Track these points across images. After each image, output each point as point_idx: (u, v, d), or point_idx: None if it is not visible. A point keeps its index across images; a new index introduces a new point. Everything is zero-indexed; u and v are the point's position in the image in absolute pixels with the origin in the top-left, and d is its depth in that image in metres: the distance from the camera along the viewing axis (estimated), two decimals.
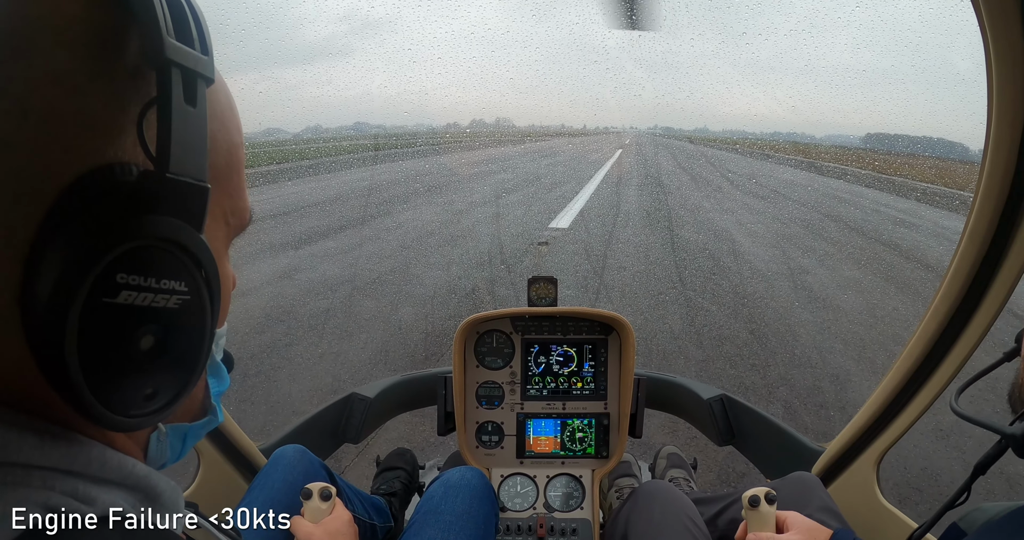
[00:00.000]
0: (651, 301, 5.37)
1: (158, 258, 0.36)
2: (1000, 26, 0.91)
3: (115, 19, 0.36)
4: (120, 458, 0.40)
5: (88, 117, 0.35)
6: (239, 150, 0.48)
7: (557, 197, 12.01)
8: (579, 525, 1.62)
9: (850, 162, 24.20)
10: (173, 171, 0.36)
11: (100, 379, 0.35)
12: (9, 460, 0.34)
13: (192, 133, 0.37)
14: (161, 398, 0.40)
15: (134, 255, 0.35)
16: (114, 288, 0.34)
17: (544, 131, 77.95)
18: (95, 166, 0.35)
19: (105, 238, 0.33)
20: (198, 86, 0.38)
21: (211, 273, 0.40)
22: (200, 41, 0.39)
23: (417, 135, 41.47)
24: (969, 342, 1.17)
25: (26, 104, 0.33)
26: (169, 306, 0.38)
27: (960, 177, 17.06)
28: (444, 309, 5.06)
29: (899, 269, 7.11)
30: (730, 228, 8.95)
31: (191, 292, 0.39)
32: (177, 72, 0.36)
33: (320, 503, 1.19)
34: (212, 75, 0.39)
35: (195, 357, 0.41)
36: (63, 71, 0.34)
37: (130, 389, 0.37)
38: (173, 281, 0.37)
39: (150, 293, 0.36)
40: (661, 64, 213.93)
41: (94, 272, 0.33)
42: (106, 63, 0.36)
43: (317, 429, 1.79)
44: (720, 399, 1.85)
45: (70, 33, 0.35)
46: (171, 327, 0.38)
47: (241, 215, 0.50)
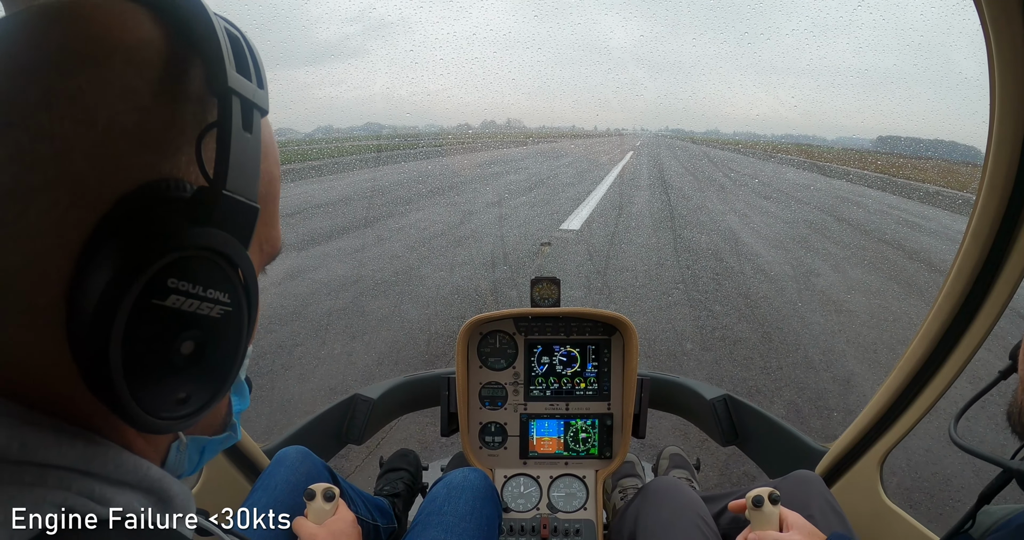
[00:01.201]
0: (673, 299, 5.36)
1: (207, 268, 0.38)
2: (1002, 26, 0.90)
3: (182, 48, 0.40)
4: (136, 460, 0.40)
5: (148, 133, 0.37)
6: (277, 182, 0.50)
7: (568, 198, 12.01)
8: (582, 526, 1.61)
9: (861, 165, 24.02)
10: (230, 188, 0.38)
11: (139, 377, 0.36)
12: (26, 459, 0.34)
13: (247, 156, 0.40)
14: (192, 404, 0.41)
15: (186, 262, 0.37)
16: (164, 291, 0.36)
17: (555, 132, 77.92)
18: (152, 180, 0.37)
19: (160, 244, 0.35)
20: (254, 116, 0.41)
21: (252, 288, 0.43)
22: (257, 76, 0.42)
23: (428, 135, 41.54)
24: (972, 342, 1.17)
25: (94, 114, 0.35)
26: (212, 315, 0.39)
27: (965, 179, 16.90)
28: (457, 310, 5.07)
29: (895, 263, 7.06)
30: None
31: (233, 304, 0.41)
32: (237, 101, 0.39)
33: (324, 504, 1.19)
34: (266, 107, 0.43)
35: (229, 367, 0.43)
36: (131, 88, 0.37)
37: (165, 391, 0.39)
38: (218, 292, 0.39)
39: (196, 300, 0.38)
40: (674, 66, 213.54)
41: (147, 273, 0.35)
42: (170, 86, 0.38)
43: (320, 430, 1.80)
44: (723, 399, 1.84)
45: (141, 54, 0.38)
46: (211, 335, 0.40)
47: (273, 244, 0.52)
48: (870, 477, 1.44)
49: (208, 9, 0.41)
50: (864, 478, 1.45)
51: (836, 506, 1.25)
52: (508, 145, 34.34)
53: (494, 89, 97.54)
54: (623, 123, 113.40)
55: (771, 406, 3.37)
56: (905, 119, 64.80)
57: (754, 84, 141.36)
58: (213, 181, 0.38)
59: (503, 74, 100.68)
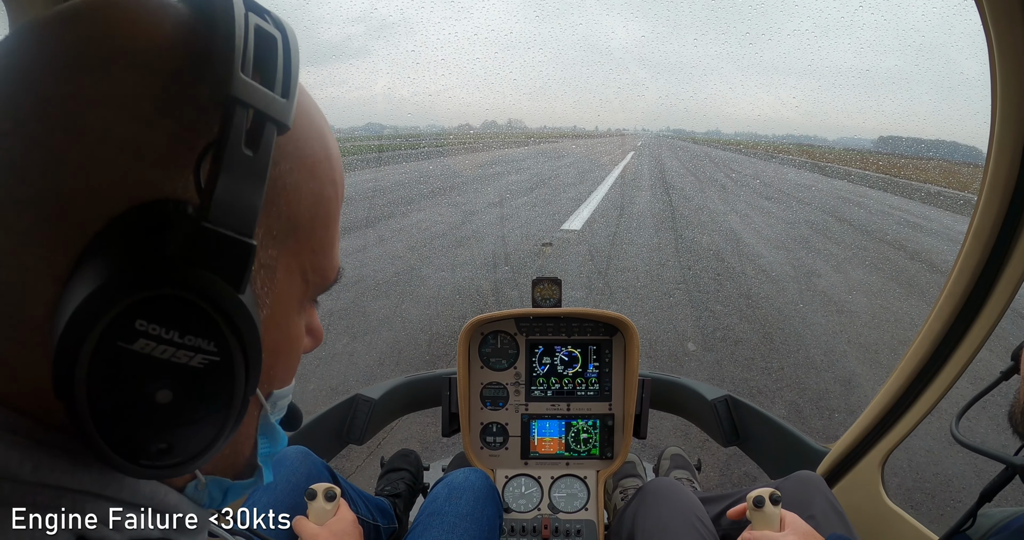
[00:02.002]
0: (674, 299, 5.36)
1: (184, 312, 0.33)
2: (1003, 26, 0.91)
3: (198, 49, 0.35)
4: (153, 485, 0.39)
5: (148, 148, 0.34)
6: (331, 204, 0.45)
7: (570, 198, 12.01)
8: (583, 526, 1.61)
9: (863, 166, 24.00)
10: (212, 221, 0.33)
11: (108, 421, 0.33)
12: (40, 481, 0.33)
13: (246, 181, 0.34)
14: (177, 454, 0.36)
15: (158, 303, 0.32)
16: (131, 334, 0.32)
17: (556, 133, 77.93)
18: (151, 200, 0.33)
19: (131, 279, 0.32)
20: (265, 130, 0.35)
21: (248, 336, 0.36)
22: (284, 82, 0.36)
23: (429, 136, 41.54)
24: (974, 343, 1.17)
25: (85, 124, 0.33)
26: (192, 364, 0.34)
27: (966, 180, 16.89)
28: (458, 310, 5.07)
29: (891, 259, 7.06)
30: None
31: (221, 354, 0.35)
32: (244, 112, 0.33)
33: (324, 504, 1.19)
34: (286, 120, 0.36)
35: (221, 421, 0.37)
36: (130, 96, 0.33)
37: (141, 438, 0.34)
38: (200, 339, 0.34)
39: (170, 347, 0.33)
40: (675, 66, 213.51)
41: (111, 313, 0.31)
42: (178, 94, 0.34)
43: (321, 430, 1.80)
44: (725, 400, 1.84)
45: (146, 58, 0.34)
46: (193, 386, 0.35)
47: (324, 273, 0.46)
48: (871, 478, 1.44)
49: (240, 4, 0.36)
50: (865, 479, 1.45)
51: (838, 507, 1.25)
52: (509, 145, 34.36)
53: (495, 89, 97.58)
54: (624, 123, 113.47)
55: (772, 406, 3.37)
56: (906, 119, 64.85)
57: (756, 84, 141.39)
58: (197, 212, 0.33)
59: (504, 74, 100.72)
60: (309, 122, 0.42)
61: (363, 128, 46.10)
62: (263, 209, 0.36)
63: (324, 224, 0.44)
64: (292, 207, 0.41)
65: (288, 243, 0.41)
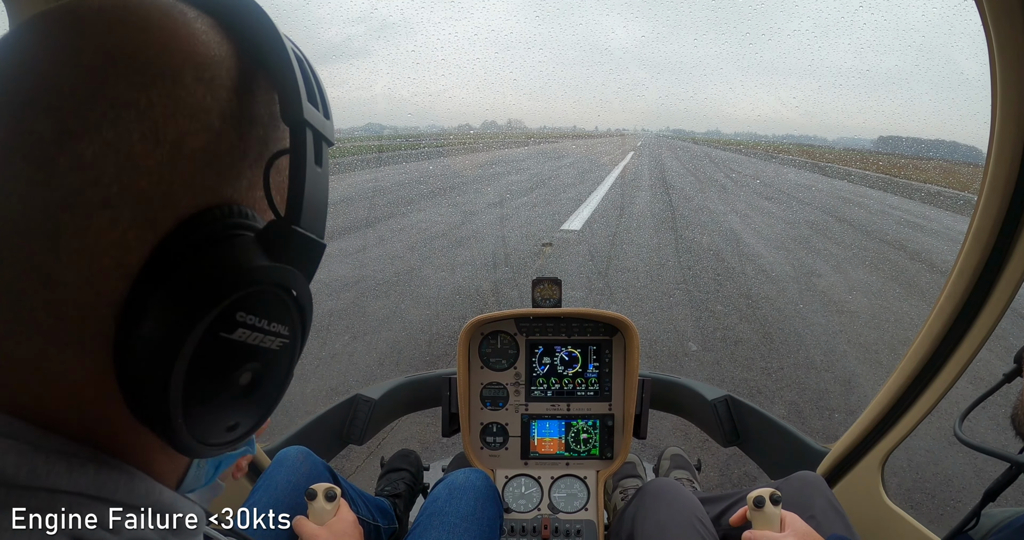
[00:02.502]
0: (672, 300, 5.36)
1: (275, 303, 0.38)
2: (1004, 26, 0.91)
3: (252, 71, 0.39)
4: (148, 485, 0.39)
5: (215, 156, 0.37)
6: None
7: (570, 198, 12.01)
8: (584, 526, 1.61)
9: (863, 166, 24.00)
10: (303, 225, 0.38)
11: (195, 407, 0.36)
12: (35, 484, 0.33)
13: (318, 191, 0.39)
14: (240, 429, 0.41)
15: (256, 297, 0.37)
16: (233, 325, 0.36)
17: (556, 133, 77.93)
18: (214, 204, 0.37)
19: (235, 277, 0.35)
20: (323, 149, 0.40)
21: (308, 321, 0.43)
22: (324, 106, 0.41)
23: (429, 136, 41.52)
24: (974, 343, 1.17)
25: (163, 131, 0.34)
26: (272, 347, 0.39)
27: (966, 180, 16.90)
28: (458, 311, 5.07)
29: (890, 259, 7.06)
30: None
31: (291, 336, 0.41)
32: (310, 133, 0.38)
33: (325, 504, 1.20)
34: (333, 139, 0.42)
35: (278, 394, 0.43)
36: (201, 107, 0.36)
37: (218, 420, 0.39)
38: (280, 325, 0.39)
39: (261, 333, 0.38)
40: (675, 67, 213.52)
41: (220, 306, 0.34)
42: (237, 108, 0.38)
43: (321, 430, 1.80)
44: (725, 400, 1.84)
45: (210, 72, 0.37)
46: (268, 366, 0.40)
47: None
48: (871, 478, 1.44)
49: (278, 30, 0.40)
50: (865, 479, 1.45)
51: (838, 507, 1.25)
52: (509, 145, 34.32)
53: (495, 89, 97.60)
54: (624, 123, 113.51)
55: (772, 406, 3.37)
56: (906, 119, 64.89)
57: (756, 85, 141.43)
58: (287, 217, 0.38)
59: (504, 75, 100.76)
60: None
61: (363, 128, 46.06)
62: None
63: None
64: None
65: None
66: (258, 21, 0.39)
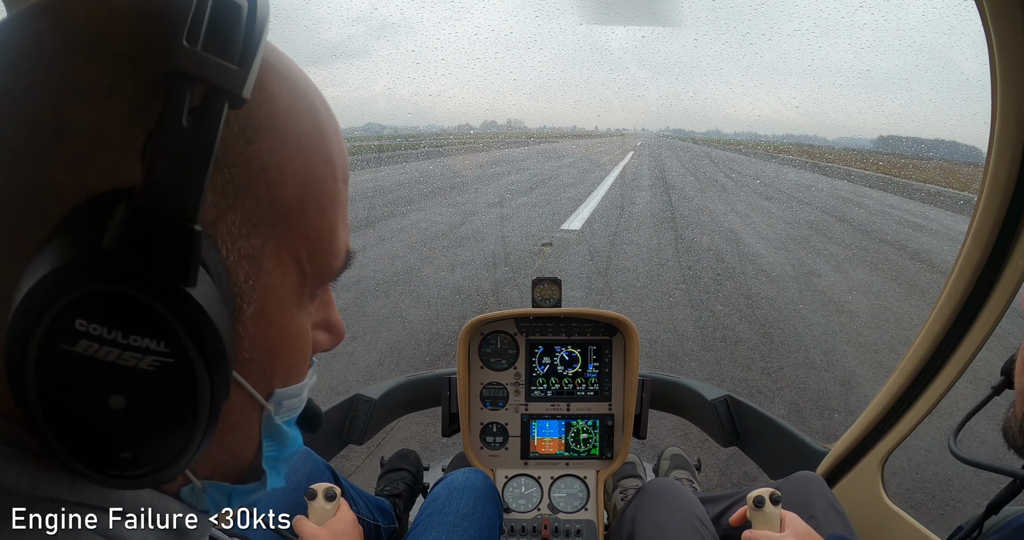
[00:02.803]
0: (672, 299, 5.36)
1: (128, 309, 0.30)
2: (1004, 26, 0.91)
3: (144, 24, 0.32)
4: (152, 496, 0.38)
5: (104, 135, 0.31)
6: (323, 185, 0.40)
7: (569, 198, 12.01)
8: (583, 526, 1.61)
9: (863, 166, 24.00)
10: (149, 206, 0.30)
11: (65, 430, 0.31)
12: (37, 494, 0.32)
13: (186, 159, 0.30)
14: (143, 464, 0.34)
15: (97, 301, 0.30)
16: (72, 335, 0.29)
17: (556, 133, 77.90)
18: (106, 189, 0.31)
19: (69, 276, 0.29)
20: (212, 104, 0.31)
21: (205, 334, 0.32)
22: (243, 50, 0.33)
23: (429, 136, 41.50)
24: (974, 343, 1.17)
25: (38, 116, 0.31)
26: (141, 367, 0.31)
27: (966, 180, 16.90)
28: (458, 310, 5.07)
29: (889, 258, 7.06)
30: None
31: (174, 355, 0.32)
32: (189, 86, 0.31)
33: (325, 504, 1.19)
34: (238, 90, 0.32)
35: (189, 427, 0.34)
36: (79, 83, 0.31)
37: (100, 447, 0.32)
38: (147, 339, 0.31)
39: (115, 348, 0.30)
40: (676, 67, 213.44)
41: (51, 312, 0.29)
42: (128, 75, 0.32)
43: (321, 430, 1.79)
44: (725, 400, 1.84)
45: (92, 41, 0.32)
46: (147, 391, 0.32)
47: (326, 261, 0.42)
48: (871, 478, 1.44)
49: None
50: (865, 479, 1.45)
51: (838, 507, 1.25)
52: (509, 145, 34.33)
53: (495, 89, 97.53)
54: (624, 123, 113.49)
55: (772, 406, 3.37)
56: (907, 119, 64.89)
57: (756, 85, 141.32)
58: (139, 196, 0.30)
59: (504, 74, 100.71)
60: (295, 95, 0.39)
61: (362, 128, 46.01)
62: (240, 194, 0.35)
63: (319, 207, 0.40)
64: (276, 191, 0.37)
65: (275, 231, 0.37)
66: None
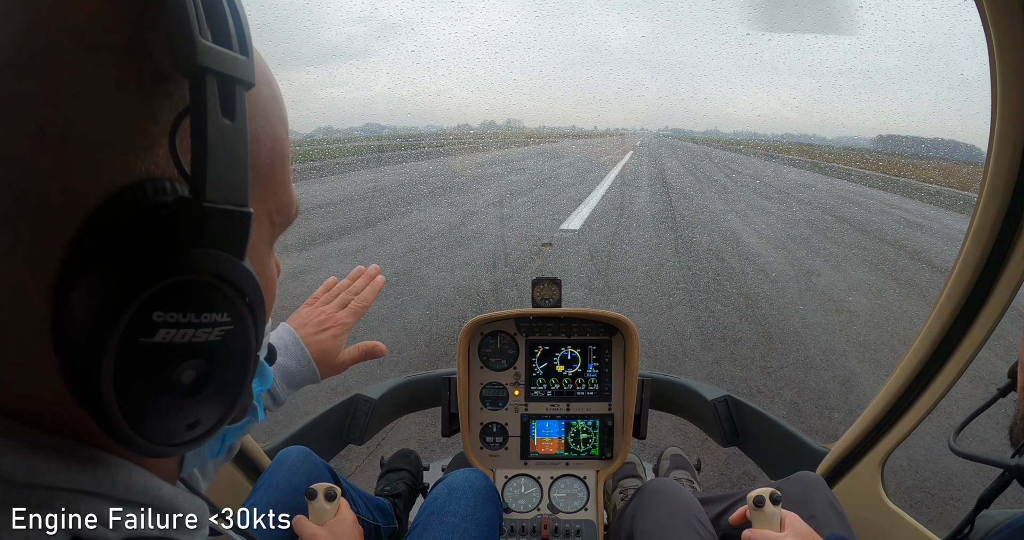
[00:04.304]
0: (672, 300, 5.36)
1: (197, 292, 0.33)
2: (1004, 26, 0.91)
3: (143, 18, 0.32)
4: (147, 480, 0.39)
5: (115, 132, 0.32)
6: (283, 144, 0.44)
7: (569, 198, 12.01)
8: (583, 526, 1.61)
9: (863, 165, 24.01)
10: (211, 198, 0.32)
11: (138, 413, 0.33)
12: (33, 482, 0.33)
13: (231, 151, 0.33)
14: (204, 425, 0.37)
15: (171, 292, 0.32)
16: (151, 327, 0.32)
17: (555, 132, 77.87)
18: (125, 184, 0.32)
19: (138, 276, 0.31)
20: (236, 94, 0.33)
21: (255, 298, 0.37)
22: (239, 39, 0.34)
23: (428, 136, 41.48)
24: (974, 343, 1.17)
25: (43, 121, 0.30)
26: (211, 339, 0.35)
27: (966, 179, 16.90)
28: (458, 311, 5.06)
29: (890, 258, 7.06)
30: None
31: (234, 321, 0.36)
32: (213, 79, 0.32)
33: (325, 504, 1.20)
34: (252, 79, 0.35)
35: (240, 382, 0.39)
36: (84, 82, 0.31)
37: (171, 421, 0.35)
38: (215, 313, 0.34)
39: (190, 329, 0.33)
40: (675, 66, 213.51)
41: (128, 313, 0.30)
42: (133, 69, 0.32)
43: (321, 430, 1.80)
44: (724, 400, 1.84)
45: (91, 37, 0.31)
46: (214, 359, 0.36)
47: (287, 211, 0.46)
48: (871, 478, 1.44)
49: None
50: (865, 479, 1.45)
51: (839, 507, 1.25)
52: (508, 145, 34.28)
53: (495, 89, 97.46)
54: (623, 123, 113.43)
55: (772, 406, 3.37)
56: (906, 118, 64.92)
57: (755, 84, 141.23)
58: (192, 192, 0.32)
59: (504, 74, 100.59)
60: (258, 67, 0.39)
61: (361, 129, 45.96)
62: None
63: (282, 165, 0.44)
64: (255, 157, 0.39)
65: (255, 191, 0.39)
66: None
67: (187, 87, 0.32)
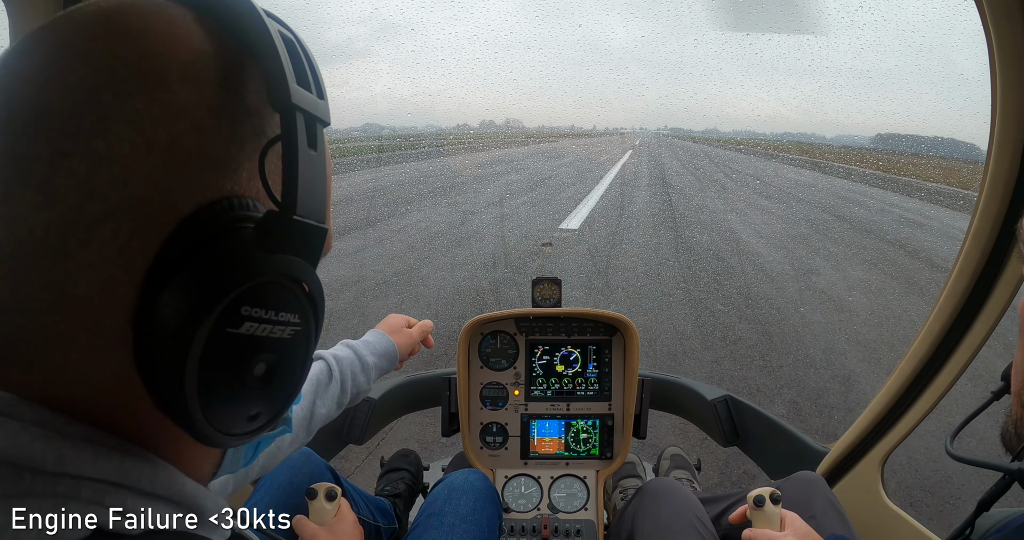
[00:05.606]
0: (671, 299, 5.36)
1: (279, 293, 0.39)
2: (1003, 26, 0.91)
3: (238, 60, 0.39)
4: (169, 474, 0.40)
5: (208, 152, 0.37)
6: (330, 182, 0.49)
7: (568, 198, 12.01)
8: (583, 526, 1.61)
9: (862, 164, 24.01)
10: (300, 213, 0.37)
11: (213, 401, 0.37)
12: (60, 470, 0.34)
13: (315, 176, 0.39)
14: (262, 418, 0.42)
15: (259, 290, 0.37)
16: (238, 320, 0.36)
17: (554, 132, 77.89)
18: (214, 199, 0.37)
19: (234, 273, 0.35)
20: (318, 131, 0.39)
21: (320, 305, 0.43)
22: (316, 85, 0.40)
23: (427, 136, 41.48)
24: (974, 342, 1.17)
25: (151, 137, 0.35)
26: (284, 337, 0.40)
27: (965, 178, 16.91)
28: (458, 310, 5.07)
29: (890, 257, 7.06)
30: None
31: (302, 323, 0.41)
32: (301, 116, 0.37)
33: (325, 504, 1.19)
34: (329, 119, 0.41)
35: (297, 381, 0.44)
36: (189, 106, 0.36)
37: (238, 411, 0.40)
38: (289, 314, 0.40)
39: (269, 325, 0.38)
40: (675, 66, 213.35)
41: (222, 304, 0.35)
42: (227, 101, 0.38)
43: (321, 430, 1.79)
44: (724, 400, 1.84)
45: (195, 70, 0.36)
46: (282, 355, 0.41)
47: (328, 242, 0.50)
48: (871, 478, 1.44)
49: (260, 11, 0.39)
50: (865, 479, 1.45)
51: (839, 507, 1.25)
52: (508, 145, 34.28)
53: (494, 89, 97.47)
54: (622, 122, 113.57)
55: (772, 405, 3.37)
56: (905, 118, 64.94)
57: (755, 84, 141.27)
58: (283, 207, 0.37)
59: (503, 74, 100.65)
60: None
61: (361, 128, 45.95)
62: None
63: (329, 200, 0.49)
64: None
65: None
66: (240, 7, 0.39)
67: (272, 120, 0.39)
